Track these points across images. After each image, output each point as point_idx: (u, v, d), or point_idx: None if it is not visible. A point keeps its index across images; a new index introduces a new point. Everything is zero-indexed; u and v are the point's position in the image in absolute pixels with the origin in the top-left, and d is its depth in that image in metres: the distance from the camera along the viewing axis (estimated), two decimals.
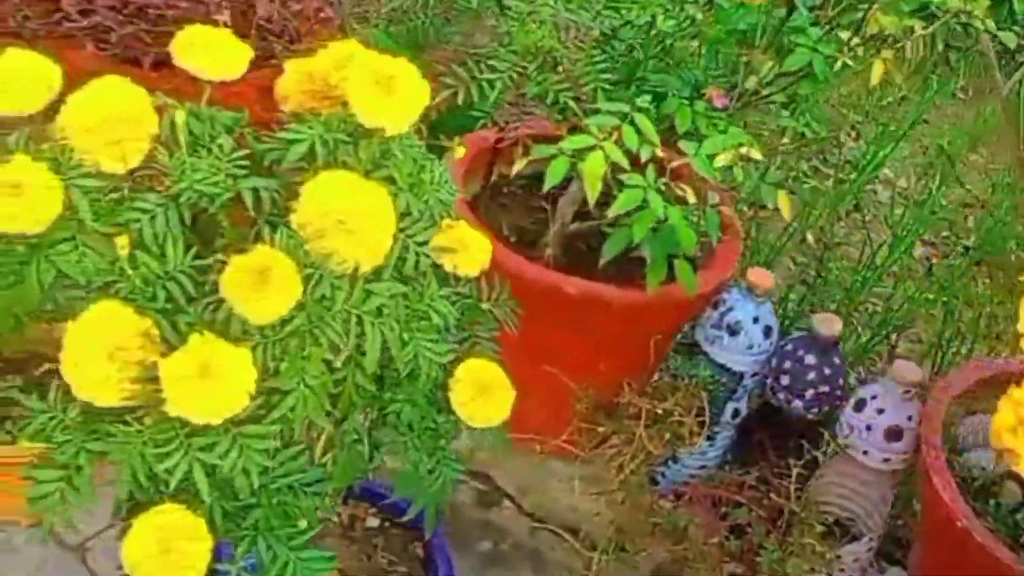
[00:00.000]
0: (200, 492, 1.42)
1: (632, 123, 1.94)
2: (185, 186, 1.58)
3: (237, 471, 1.44)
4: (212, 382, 1.39)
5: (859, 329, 2.86)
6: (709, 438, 2.40)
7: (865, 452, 2.26)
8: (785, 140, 2.68)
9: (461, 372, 1.69)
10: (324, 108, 1.76)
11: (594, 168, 1.88)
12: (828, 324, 2.30)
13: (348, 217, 1.52)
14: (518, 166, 2.08)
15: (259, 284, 1.43)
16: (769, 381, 2.35)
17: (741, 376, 2.37)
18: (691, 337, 2.40)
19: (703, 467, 2.46)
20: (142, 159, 1.55)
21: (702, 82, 2.29)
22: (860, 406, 2.26)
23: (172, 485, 1.42)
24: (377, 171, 1.65)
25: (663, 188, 2.05)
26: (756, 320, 2.33)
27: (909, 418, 2.24)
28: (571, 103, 2.03)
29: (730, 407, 2.40)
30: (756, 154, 2.15)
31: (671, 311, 2.34)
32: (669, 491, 2.44)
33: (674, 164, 2.13)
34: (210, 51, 1.63)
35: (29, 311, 1.53)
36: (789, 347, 2.33)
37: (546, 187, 2.02)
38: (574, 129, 2.00)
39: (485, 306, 1.75)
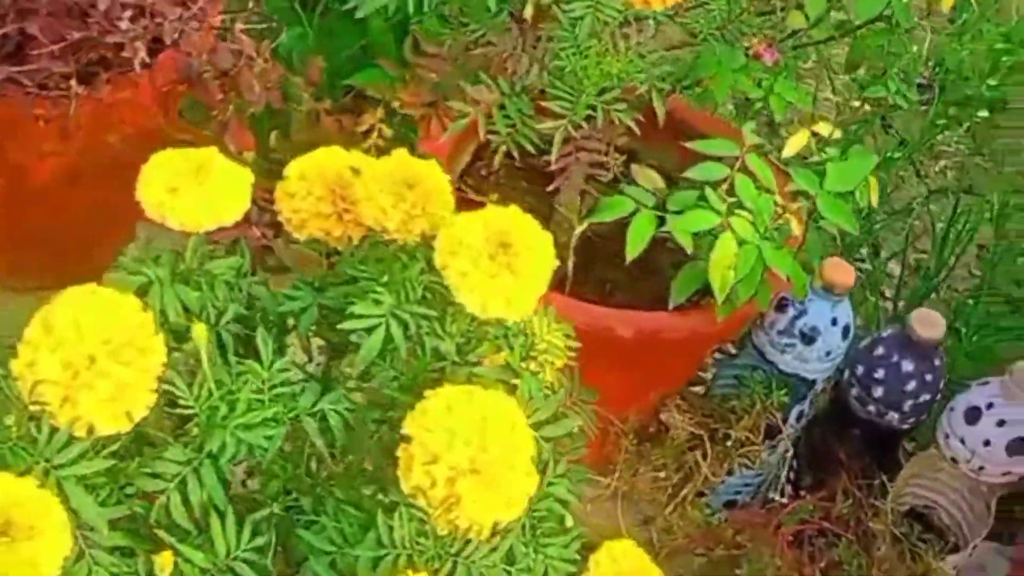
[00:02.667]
0: None
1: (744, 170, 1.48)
2: (223, 439, 1.12)
3: None
4: None
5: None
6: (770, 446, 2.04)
7: (981, 468, 1.93)
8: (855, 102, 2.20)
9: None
10: (346, 229, 1.30)
11: (724, 258, 1.43)
12: (929, 324, 1.92)
13: (484, 464, 1.08)
14: (580, 228, 1.62)
15: None
16: (856, 391, 1.99)
17: (814, 382, 1.99)
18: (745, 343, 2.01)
19: (759, 475, 2.10)
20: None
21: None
22: (974, 417, 1.91)
23: None
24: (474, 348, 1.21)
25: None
26: (835, 322, 1.94)
27: None
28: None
29: (795, 411, 2.03)
30: (825, 129, 1.73)
31: (736, 326, 1.93)
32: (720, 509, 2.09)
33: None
34: None
35: None
36: (881, 351, 1.95)
37: (630, 256, 1.56)
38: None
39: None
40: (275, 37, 1.87)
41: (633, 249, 1.56)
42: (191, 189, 1.19)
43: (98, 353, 1.07)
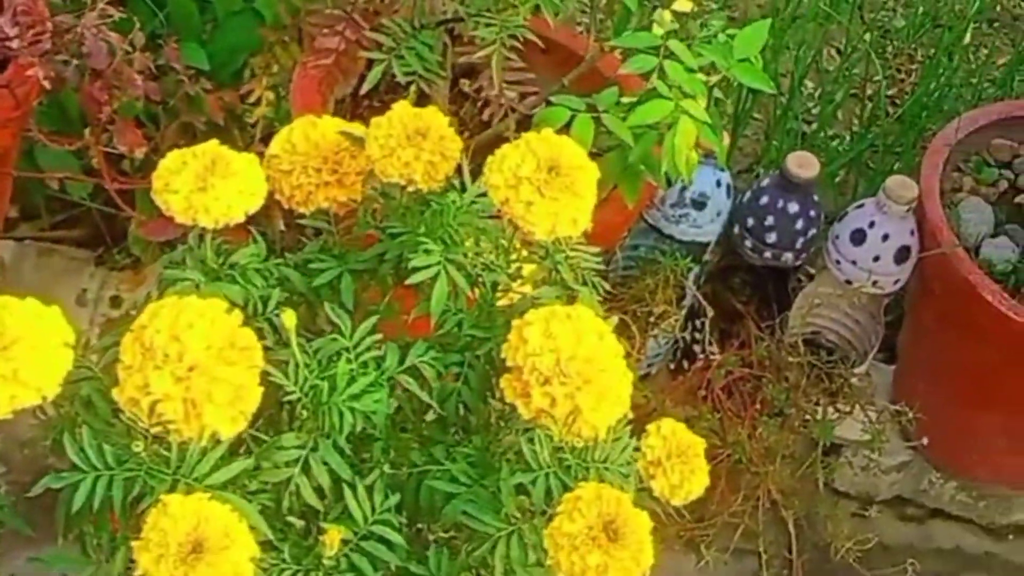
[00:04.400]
0: None
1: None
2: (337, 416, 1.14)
3: None
4: None
5: None
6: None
7: (875, 282, 2.09)
8: None
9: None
10: (350, 193, 1.32)
11: (687, 141, 1.49)
12: (806, 164, 2.06)
13: (592, 373, 1.14)
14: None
15: None
16: (749, 242, 2.11)
17: (707, 244, 2.11)
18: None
19: (666, 344, 2.21)
20: None
21: None
22: (860, 238, 2.07)
23: None
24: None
25: None
26: (719, 183, 2.06)
27: (912, 232, 2.07)
28: None
29: (692, 274, 2.14)
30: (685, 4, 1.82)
31: (637, 210, 2.02)
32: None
33: None
34: None
35: None
36: (765, 200, 2.08)
37: None
38: None
39: None
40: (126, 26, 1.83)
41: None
42: (218, 184, 1.19)
43: (205, 360, 1.08)
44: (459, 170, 1.29)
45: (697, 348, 2.19)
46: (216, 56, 2.28)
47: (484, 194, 1.25)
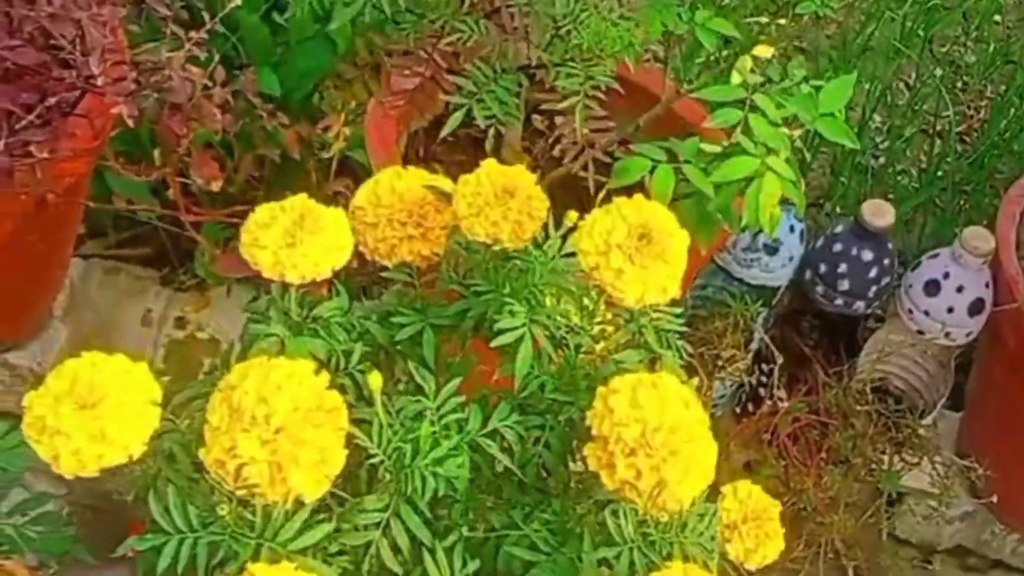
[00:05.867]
0: None
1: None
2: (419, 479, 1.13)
3: None
4: None
5: None
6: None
7: (947, 334, 2.06)
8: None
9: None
10: (433, 247, 1.32)
11: (772, 197, 1.47)
12: (881, 213, 2.04)
13: (678, 444, 1.13)
14: (601, 194, 1.63)
15: None
16: (821, 289, 2.09)
17: (778, 288, 2.10)
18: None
19: (730, 386, 2.19)
20: None
21: None
22: (934, 289, 2.04)
23: None
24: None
25: None
26: (792, 229, 2.04)
27: (987, 285, 2.04)
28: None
29: (760, 318, 2.12)
30: (765, 51, 1.80)
31: (710, 255, 2.01)
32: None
33: None
34: None
35: None
36: (839, 247, 2.06)
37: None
38: None
39: None
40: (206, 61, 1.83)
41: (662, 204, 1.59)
42: (307, 239, 1.19)
43: (292, 423, 1.08)
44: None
45: (763, 391, 2.18)
46: (287, 81, 2.29)
47: (570, 254, 1.24)
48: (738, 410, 2.21)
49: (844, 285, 2.08)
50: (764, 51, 1.79)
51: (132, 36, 1.88)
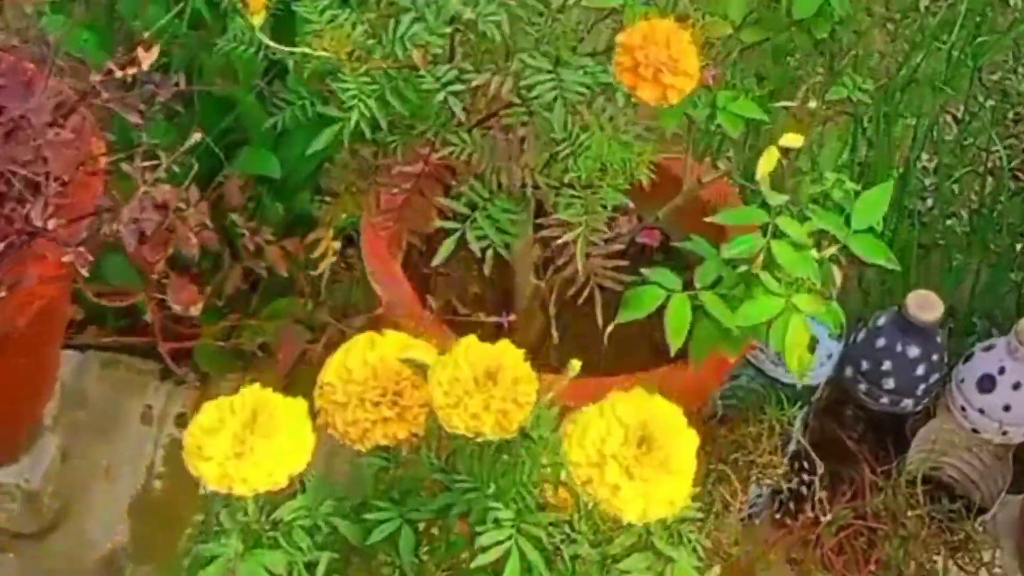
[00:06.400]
0: None
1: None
2: None
3: None
4: None
5: None
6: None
7: (1004, 432, 1.89)
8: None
9: None
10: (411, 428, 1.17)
11: (800, 340, 1.31)
12: (927, 306, 1.86)
13: None
14: (610, 328, 1.47)
15: None
16: (864, 387, 1.92)
17: (816, 387, 1.93)
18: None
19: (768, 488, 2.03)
20: None
21: None
22: (989, 386, 1.87)
23: None
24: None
25: None
26: None
27: None
28: None
29: (798, 418, 1.96)
30: (795, 140, 1.63)
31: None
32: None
33: None
34: None
35: None
36: (882, 342, 1.88)
37: (676, 346, 1.42)
38: None
39: None
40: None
41: (677, 338, 1.43)
42: (259, 445, 1.04)
43: None
44: None
45: (805, 490, 2.01)
46: (287, 163, 2.15)
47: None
48: (778, 513, 2.04)
49: (889, 383, 1.90)
50: (793, 141, 1.63)
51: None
